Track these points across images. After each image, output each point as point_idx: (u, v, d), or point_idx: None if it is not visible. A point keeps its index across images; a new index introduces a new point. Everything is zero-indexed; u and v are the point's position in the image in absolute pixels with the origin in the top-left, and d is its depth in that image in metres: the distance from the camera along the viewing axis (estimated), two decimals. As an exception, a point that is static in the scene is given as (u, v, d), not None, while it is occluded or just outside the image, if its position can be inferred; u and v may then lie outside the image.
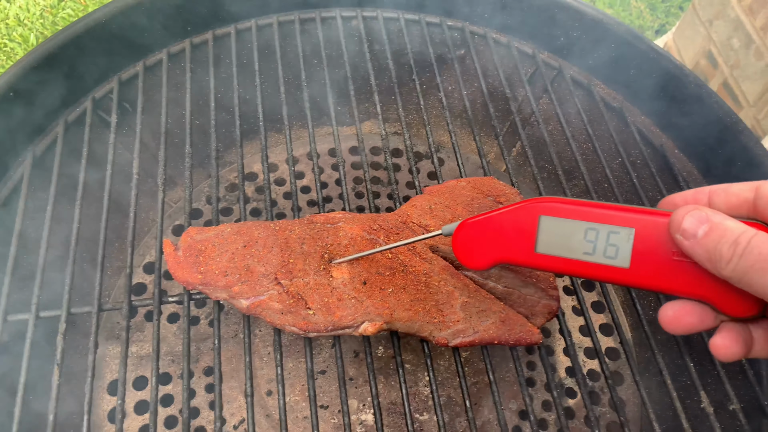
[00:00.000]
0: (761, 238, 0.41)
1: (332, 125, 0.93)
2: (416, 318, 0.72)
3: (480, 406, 0.91)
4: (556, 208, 0.55)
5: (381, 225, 0.77)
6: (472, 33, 1.08)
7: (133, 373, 0.90)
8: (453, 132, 0.95)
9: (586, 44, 1.03)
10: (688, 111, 0.95)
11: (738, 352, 0.47)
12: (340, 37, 1.03)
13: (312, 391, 0.71)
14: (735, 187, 0.47)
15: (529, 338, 0.74)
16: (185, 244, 0.74)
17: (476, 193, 0.84)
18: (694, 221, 0.45)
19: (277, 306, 0.70)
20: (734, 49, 1.88)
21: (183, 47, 1.00)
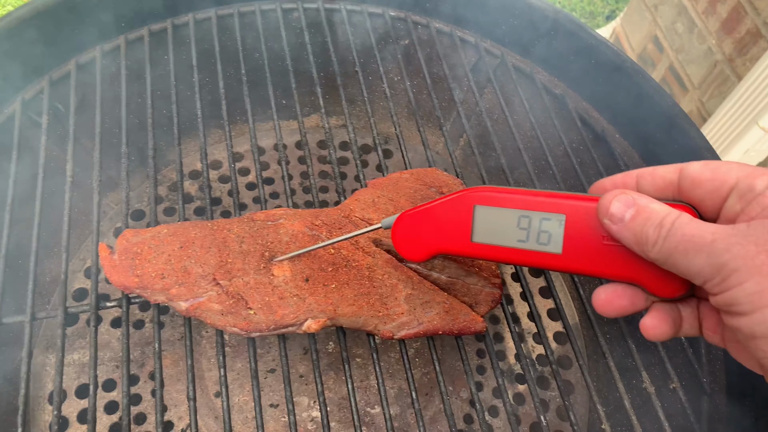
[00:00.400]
0: (684, 219, 0.42)
1: (274, 120, 0.92)
2: (360, 312, 0.71)
3: (431, 396, 0.91)
4: (489, 197, 0.55)
5: (323, 220, 0.76)
6: (415, 23, 1.07)
7: (76, 381, 0.87)
8: (397, 123, 0.95)
9: (527, 32, 1.04)
10: (627, 96, 0.97)
11: (667, 331, 0.48)
12: (281, 29, 1.01)
13: (256, 390, 0.70)
14: (661, 170, 0.48)
15: (473, 327, 0.75)
16: (121, 246, 0.72)
17: (419, 184, 0.84)
18: (620, 205, 0.45)
19: (216, 307, 0.69)
20: (678, 33, 1.92)
21: (117, 44, 0.97)
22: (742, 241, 0.38)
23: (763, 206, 0.39)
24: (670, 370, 0.78)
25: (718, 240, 0.39)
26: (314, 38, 1.02)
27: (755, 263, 0.37)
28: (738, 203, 0.42)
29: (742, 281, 0.37)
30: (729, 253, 0.38)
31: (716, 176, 0.43)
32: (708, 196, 0.44)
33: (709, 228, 0.40)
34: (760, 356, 0.38)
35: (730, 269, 0.38)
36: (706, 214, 0.45)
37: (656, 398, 0.75)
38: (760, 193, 0.40)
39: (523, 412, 0.92)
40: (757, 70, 1.46)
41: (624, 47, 2.23)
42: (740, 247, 0.38)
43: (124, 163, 0.85)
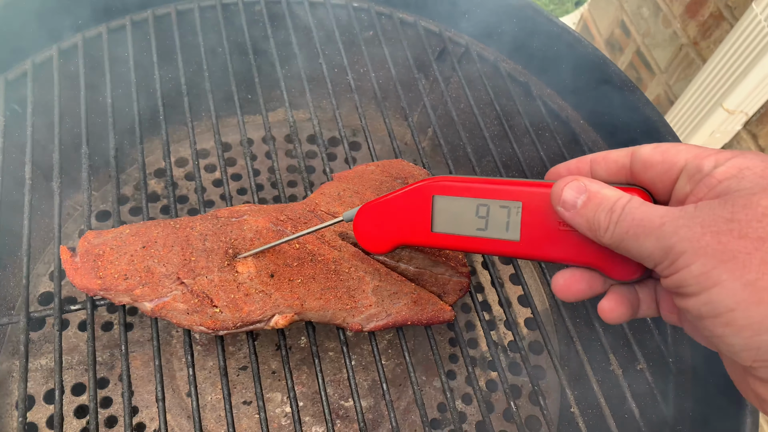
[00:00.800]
0: (634, 203, 0.42)
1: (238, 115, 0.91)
2: (328, 306, 0.71)
3: (405, 386, 0.91)
4: (447, 187, 0.55)
5: (288, 215, 0.75)
6: (379, 13, 1.07)
7: (44, 386, 0.86)
8: (363, 115, 0.94)
9: (491, 21, 1.04)
10: (589, 82, 0.98)
11: (624, 313, 0.49)
12: (243, 23, 1.00)
13: (226, 389, 0.70)
14: (613, 154, 0.48)
15: (441, 316, 0.75)
16: (83, 249, 0.71)
17: (385, 176, 0.84)
18: (572, 192, 0.45)
19: (181, 306, 0.68)
20: (644, 17, 1.94)
21: (75, 42, 0.95)
22: (688, 223, 0.38)
23: (710, 187, 0.40)
24: (637, 351, 0.79)
25: (667, 223, 0.39)
26: (277, 31, 1.01)
27: (701, 245, 0.37)
28: (687, 184, 0.42)
29: (689, 263, 0.38)
30: (676, 235, 0.38)
31: (666, 158, 0.44)
32: (659, 179, 0.44)
33: (658, 211, 0.40)
34: (708, 335, 0.39)
35: (678, 252, 0.38)
36: (659, 196, 0.46)
37: (623, 380, 0.76)
38: (707, 174, 0.40)
39: (496, 399, 0.93)
40: (720, 52, 1.48)
41: (592, 33, 2.24)
42: (687, 229, 0.38)
43: (85, 163, 0.83)
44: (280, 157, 1.13)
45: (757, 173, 0.38)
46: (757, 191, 0.37)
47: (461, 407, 0.92)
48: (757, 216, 0.36)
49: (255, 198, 0.82)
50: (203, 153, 1.12)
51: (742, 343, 0.36)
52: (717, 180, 0.39)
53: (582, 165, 0.50)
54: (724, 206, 0.37)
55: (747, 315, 0.35)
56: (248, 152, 0.87)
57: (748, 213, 0.36)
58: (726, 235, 0.36)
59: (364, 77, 1.13)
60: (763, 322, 0.35)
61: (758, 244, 0.35)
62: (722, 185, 0.39)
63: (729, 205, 0.37)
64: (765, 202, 0.36)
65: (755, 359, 0.36)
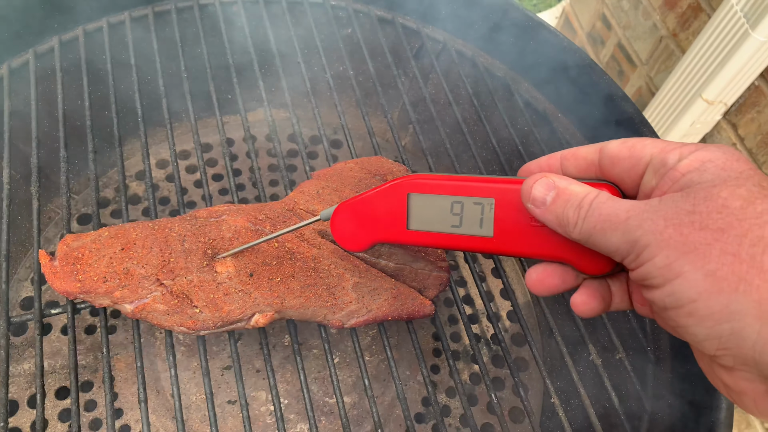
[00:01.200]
0: (601, 198, 0.43)
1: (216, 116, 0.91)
2: (308, 304, 0.71)
3: (389, 381, 0.92)
4: (422, 185, 0.55)
5: (267, 215, 0.76)
6: (356, 11, 1.07)
7: (28, 391, 0.86)
8: (342, 113, 0.95)
9: (467, 16, 1.04)
10: (568, 76, 0.98)
11: (596, 307, 0.49)
12: (220, 23, 1.00)
13: (208, 388, 0.70)
14: (582, 151, 0.49)
15: (422, 310, 0.76)
16: (62, 252, 0.71)
17: (364, 173, 0.84)
18: (542, 189, 0.46)
19: (161, 307, 0.68)
20: (624, 10, 1.95)
21: (52, 45, 0.94)
22: (652, 216, 0.39)
23: (674, 180, 0.40)
24: (616, 341, 0.80)
25: (632, 217, 0.40)
26: (255, 31, 1.01)
27: (663, 237, 0.38)
28: (653, 178, 0.43)
29: (653, 256, 0.38)
30: (641, 229, 0.39)
31: (633, 153, 0.44)
32: (626, 174, 0.45)
33: (624, 206, 0.41)
34: (673, 326, 0.39)
35: (642, 245, 0.39)
36: (627, 190, 0.46)
37: (603, 369, 0.77)
38: (672, 167, 0.41)
39: (480, 391, 0.94)
40: (699, 43, 1.49)
41: (574, 26, 2.25)
42: (651, 222, 0.39)
43: (63, 167, 0.83)
44: (262, 156, 1.13)
45: (719, 165, 0.39)
46: (718, 183, 0.38)
47: (445, 401, 0.92)
48: (717, 207, 0.37)
49: (236, 198, 0.83)
50: (184, 154, 1.12)
51: (705, 333, 0.37)
52: (680, 173, 0.40)
53: (552, 162, 0.51)
54: (686, 199, 0.38)
55: (708, 305, 0.36)
56: (227, 152, 0.87)
57: (708, 205, 0.37)
58: (687, 227, 0.37)
59: (343, 75, 1.14)
60: (723, 311, 0.36)
61: (718, 235, 0.36)
62: (685, 178, 0.40)
63: (691, 198, 0.38)
64: (725, 194, 0.37)
65: (718, 348, 0.37)
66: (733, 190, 0.37)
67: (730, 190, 0.37)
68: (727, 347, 0.37)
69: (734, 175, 0.38)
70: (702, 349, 0.39)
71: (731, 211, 0.36)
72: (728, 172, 0.38)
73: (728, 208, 0.36)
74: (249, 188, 1.08)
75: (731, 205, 0.36)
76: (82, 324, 0.92)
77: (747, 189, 0.37)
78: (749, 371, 0.37)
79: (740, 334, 0.35)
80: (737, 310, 0.35)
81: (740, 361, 0.37)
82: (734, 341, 0.36)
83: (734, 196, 0.37)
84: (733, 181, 0.38)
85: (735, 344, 0.36)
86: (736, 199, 0.37)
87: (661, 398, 0.78)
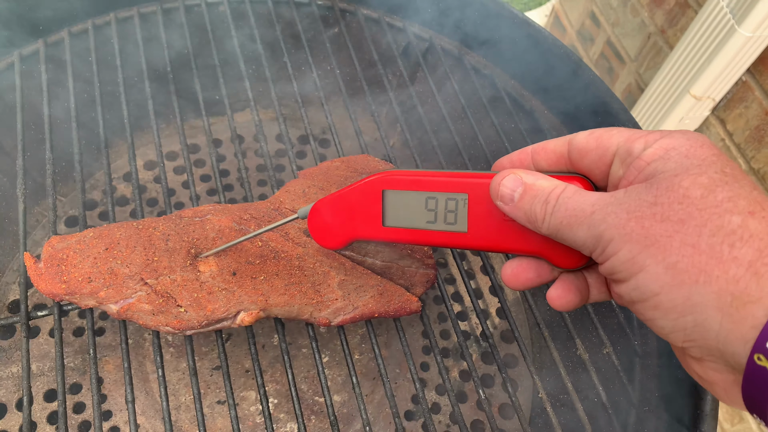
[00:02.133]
0: (567, 193, 0.43)
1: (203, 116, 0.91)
2: (293, 301, 0.71)
3: (379, 380, 0.92)
4: (397, 181, 0.55)
5: (252, 214, 0.76)
6: (343, 11, 1.07)
7: (16, 394, 0.86)
8: (329, 113, 0.95)
9: (454, 15, 1.05)
10: (553, 72, 0.99)
11: (572, 300, 0.49)
12: (206, 23, 1.00)
13: (196, 389, 0.70)
14: (551, 144, 0.49)
15: (408, 307, 0.76)
16: (47, 254, 0.70)
17: (350, 172, 0.84)
18: (509, 185, 0.46)
19: (147, 307, 0.68)
20: (613, 7, 1.96)
21: (37, 48, 0.94)
22: (616, 209, 0.39)
23: (640, 169, 0.40)
24: (603, 335, 0.80)
25: (597, 211, 0.40)
26: (241, 31, 1.01)
27: (626, 231, 0.38)
28: (620, 168, 0.43)
29: (617, 250, 0.38)
30: (605, 223, 0.39)
31: (600, 144, 0.44)
32: (594, 165, 0.45)
33: (590, 199, 0.41)
34: (642, 319, 0.40)
35: (607, 239, 0.39)
36: (597, 182, 0.46)
37: (590, 364, 0.77)
38: (637, 157, 0.41)
39: (469, 388, 0.94)
40: (686, 39, 1.50)
41: (563, 24, 2.26)
42: (614, 216, 0.39)
43: (49, 169, 0.83)
44: (250, 156, 1.13)
45: (682, 153, 0.38)
46: (680, 172, 0.37)
47: (435, 398, 0.93)
48: (678, 198, 0.37)
49: (223, 198, 0.83)
50: (172, 155, 1.12)
51: (671, 325, 0.37)
52: (645, 162, 0.40)
53: (524, 156, 0.51)
54: (649, 190, 0.38)
55: (670, 298, 0.36)
56: (214, 153, 0.87)
57: (670, 195, 0.37)
58: (649, 220, 0.37)
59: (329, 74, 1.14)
60: (685, 304, 0.36)
61: (678, 227, 0.36)
62: (650, 167, 0.39)
63: (653, 189, 0.38)
64: (686, 183, 0.37)
65: (684, 340, 0.37)
66: (694, 178, 0.37)
67: (691, 179, 0.37)
68: (692, 339, 0.37)
69: (697, 162, 0.38)
70: (671, 342, 0.39)
71: (692, 201, 0.36)
72: (691, 159, 0.38)
73: (689, 198, 0.36)
74: (237, 188, 1.08)
75: (692, 194, 0.36)
76: (71, 326, 0.92)
77: (708, 177, 0.37)
78: (716, 362, 0.37)
79: (703, 326, 0.35)
80: (698, 302, 0.35)
81: (706, 352, 0.37)
82: (698, 333, 0.36)
83: (695, 185, 0.36)
84: (696, 168, 0.37)
85: (699, 336, 0.36)
86: (697, 188, 0.36)
87: (648, 391, 0.79)
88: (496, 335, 1.00)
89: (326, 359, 0.93)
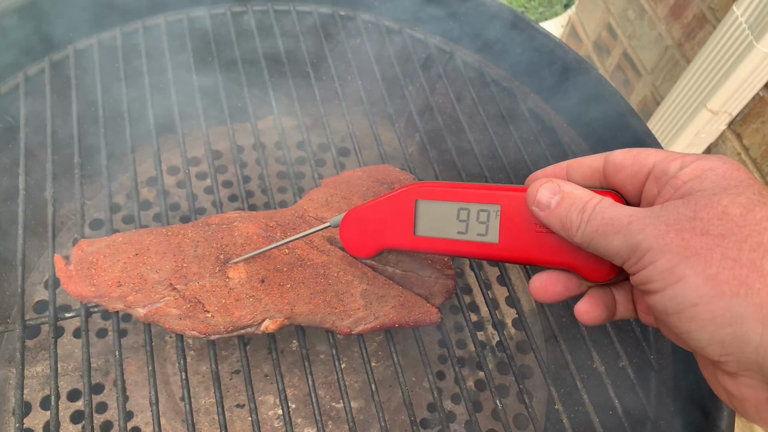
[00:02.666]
0: (605, 204, 0.44)
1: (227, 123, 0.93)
2: (317, 310, 0.73)
3: (395, 387, 0.93)
4: (430, 192, 0.57)
5: (277, 221, 0.77)
6: (365, 21, 1.09)
7: (41, 393, 0.88)
8: (350, 122, 0.96)
9: (476, 28, 1.06)
10: (573, 87, 1.00)
11: (600, 315, 0.50)
12: (231, 32, 1.02)
13: (218, 393, 0.71)
14: (587, 159, 0.51)
15: (428, 318, 0.77)
16: (76, 257, 0.72)
17: (372, 181, 0.86)
18: (547, 193, 0.48)
19: (174, 312, 0.70)
20: (630, 20, 1.96)
21: (66, 54, 0.96)
22: (654, 221, 0.40)
23: (676, 188, 0.42)
24: (619, 348, 0.81)
25: (634, 222, 0.41)
26: (265, 40, 1.03)
27: (665, 242, 0.39)
28: (655, 186, 0.44)
29: (655, 259, 0.39)
30: (642, 233, 0.40)
31: (636, 161, 0.46)
32: (629, 181, 0.47)
33: (626, 211, 0.43)
34: (676, 332, 0.40)
35: (644, 249, 0.40)
36: (630, 198, 0.48)
37: (606, 377, 0.78)
38: (673, 176, 0.42)
39: (485, 398, 0.95)
40: (704, 53, 1.51)
41: (580, 35, 2.27)
42: (653, 227, 0.40)
43: (77, 173, 0.85)
44: (270, 163, 1.14)
45: (719, 174, 0.40)
46: (718, 191, 0.39)
47: (451, 407, 0.93)
48: (718, 214, 0.38)
49: (245, 204, 0.84)
50: (195, 161, 1.13)
51: (708, 338, 0.38)
52: (682, 181, 0.42)
53: (558, 170, 0.53)
54: (688, 205, 0.40)
55: (709, 309, 0.37)
56: (238, 159, 0.89)
57: (709, 211, 0.38)
58: (689, 232, 0.38)
59: (350, 84, 1.15)
60: (725, 315, 0.36)
61: (718, 241, 0.37)
62: (686, 186, 0.41)
63: (692, 204, 0.39)
64: (725, 201, 0.38)
65: (721, 353, 0.38)
66: (733, 198, 0.38)
67: (730, 198, 0.38)
68: (730, 352, 0.37)
69: (734, 183, 0.39)
70: (706, 355, 0.39)
71: (731, 218, 0.38)
72: (728, 180, 0.40)
73: (728, 215, 0.38)
74: (258, 195, 1.09)
75: (731, 212, 0.38)
76: (95, 327, 0.94)
77: (747, 197, 0.38)
78: (752, 377, 0.38)
79: (743, 338, 0.36)
80: (739, 314, 0.36)
81: (744, 366, 0.37)
82: (737, 345, 0.37)
83: (734, 203, 0.38)
84: (733, 189, 0.39)
85: (738, 348, 0.37)
86: (736, 207, 0.38)
87: (664, 406, 0.79)
88: (513, 345, 1.01)
89: (344, 365, 0.94)
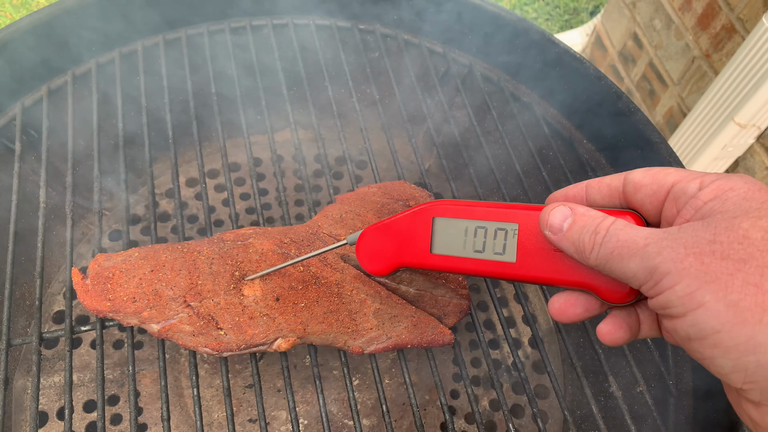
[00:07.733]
0: (618, 225, 0.43)
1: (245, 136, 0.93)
2: (330, 330, 0.72)
3: (408, 405, 0.92)
4: (447, 209, 0.56)
5: (292, 238, 0.77)
6: (384, 35, 1.09)
7: (57, 403, 0.89)
8: (367, 137, 0.96)
9: (494, 42, 1.05)
10: (592, 102, 0.98)
11: (622, 336, 0.48)
12: (250, 46, 1.02)
13: (229, 409, 0.71)
14: (607, 179, 0.49)
15: (441, 339, 0.76)
16: (93, 271, 0.73)
17: (387, 198, 0.85)
18: (559, 216, 0.47)
19: (187, 328, 0.70)
20: (656, 30, 1.93)
21: (89, 68, 0.98)
22: (672, 244, 0.39)
23: (696, 208, 0.40)
24: (637, 373, 0.79)
25: (651, 244, 0.40)
26: (284, 53, 1.03)
27: (684, 266, 0.37)
28: (674, 206, 0.43)
29: (673, 284, 0.38)
30: (660, 256, 0.39)
31: (655, 180, 0.45)
32: (648, 200, 0.45)
33: (642, 233, 0.41)
34: (698, 358, 0.39)
35: (662, 272, 0.39)
36: (649, 218, 0.46)
37: (623, 402, 0.76)
38: (692, 196, 0.41)
39: (498, 418, 0.93)
40: (732, 65, 1.47)
41: (605, 44, 2.24)
42: (671, 250, 0.38)
43: (97, 186, 0.86)
44: (288, 176, 1.15)
45: (740, 195, 0.39)
46: (738, 214, 0.38)
47: (464, 426, 0.92)
48: (738, 238, 0.37)
49: (262, 218, 0.84)
50: (213, 173, 1.14)
51: (731, 365, 0.37)
52: (702, 201, 0.40)
53: (578, 190, 0.51)
54: (707, 228, 0.38)
55: (732, 336, 0.36)
56: (254, 173, 0.89)
57: (729, 235, 0.37)
58: (708, 257, 0.37)
59: (368, 98, 1.15)
60: (748, 343, 0.35)
61: (740, 266, 0.36)
62: (706, 206, 0.40)
63: (712, 227, 0.38)
64: (746, 225, 0.37)
65: (744, 381, 0.37)
66: (754, 221, 0.37)
67: (751, 221, 0.37)
68: (754, 380, 0.36)
69: (756, 205, 0.38)
70: (729, 382, 0.38)
71: (752, 242, 0.36)
72: (750, 202, 0.38)
73: (749, 239, 0.36)
74: (275, 208, 1.09)
75: (752, 236, 0.36)
76: (110, 339, 0.95)
77: None
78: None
79: (766, 366, 0.35)
80: (762, 342, 0.35)
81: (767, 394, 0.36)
82: (761, 374, 0.36)
83: (756, 227, 0.37)
84: (755, 212, 0.38)
85: (762, 377, 0.36)
86: (758, 231, 0.36)
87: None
88: (528, 365, 1.00)
89: (356, 382, 0.94)
